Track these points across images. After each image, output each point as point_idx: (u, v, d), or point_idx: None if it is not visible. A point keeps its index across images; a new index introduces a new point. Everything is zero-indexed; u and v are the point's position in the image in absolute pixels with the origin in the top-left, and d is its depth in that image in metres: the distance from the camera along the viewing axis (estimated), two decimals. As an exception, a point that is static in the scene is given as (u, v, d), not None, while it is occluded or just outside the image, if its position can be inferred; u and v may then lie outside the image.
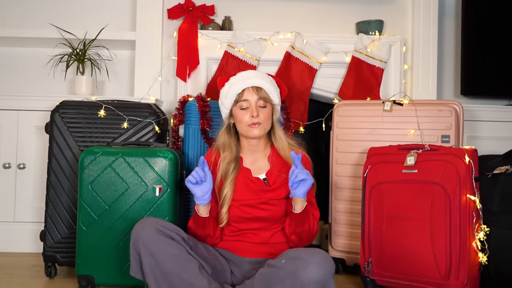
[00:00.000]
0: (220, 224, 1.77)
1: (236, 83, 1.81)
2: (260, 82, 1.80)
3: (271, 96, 1.82)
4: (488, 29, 2.80)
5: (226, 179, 1.79)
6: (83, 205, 1.91)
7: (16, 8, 2.90)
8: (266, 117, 1.80)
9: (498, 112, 2.66)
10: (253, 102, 1.78)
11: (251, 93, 1.79)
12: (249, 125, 1.78)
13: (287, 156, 1.80)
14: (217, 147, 1.87)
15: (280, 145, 1.83)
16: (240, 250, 1.78)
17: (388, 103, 2.22)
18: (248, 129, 1.79)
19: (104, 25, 2.77)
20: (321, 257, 1.46)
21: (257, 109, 1.78)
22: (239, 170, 1.82)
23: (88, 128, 2.20)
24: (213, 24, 2.75)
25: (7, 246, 2.55)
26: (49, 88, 2.89)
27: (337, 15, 2.87)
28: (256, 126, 1.77)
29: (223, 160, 1.82)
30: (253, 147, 1.85)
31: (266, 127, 1.81)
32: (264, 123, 1.79)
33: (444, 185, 1.76)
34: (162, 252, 1.57)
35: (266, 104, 1.80)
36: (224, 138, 1.86)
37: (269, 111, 1.81)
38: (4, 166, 2.56)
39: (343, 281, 2.13)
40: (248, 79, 1.81)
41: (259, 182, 1.81)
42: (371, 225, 1.91)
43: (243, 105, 1.79)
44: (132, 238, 1.60)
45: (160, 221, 1.64)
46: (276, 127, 1.86)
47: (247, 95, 1.79)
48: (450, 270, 1.73)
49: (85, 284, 1.90)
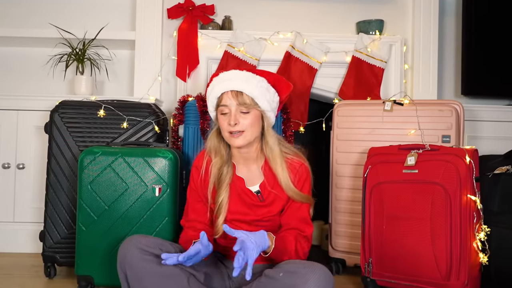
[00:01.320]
0: (216, 236, 1.67)
1: (217, 84, 1.66)
2: (241, 85, 1.62)
3: (257, 100, 1.63)
4: (489, 28, 2.80)
5: (221, 185, 1.68)
6: (82, 205, 1.90)
7: (15, 8, 2.90)
8: (250, 124, 1.62)
9: (498, 112, 2.66)
10: (233, 107, 1.62)
11: (230, 98, 1.62)
12: (230, 133, 1.63)
13: (276, 168, 1.67)
14: (208, 151, 1.75)
15: (271, 155, 1.68)
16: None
17: (389, 103, 2.22)
18: (228, 137, 1.65)
19: (104, 24, 2.77)
20: (320, 274, 1.42)
21: (237, 116, 1.62)
22: (232, 176, 1.70)
23: (88, 128, 2.20)
24: (213, 24, 2.75)
25: (7, 246, 2.55)
26: (48, 88, 2.89)
27: (337, 15, 2.87)
28: (237, 135, 1.62)
29: (214, 165, 1.71)
30: (243, 154, 1.71)
31: (250, 135, 1.64)
32: (247, 131, 1.62)
33: (444, 185, 1.75)
34: (146, 271, 1.53)
35: (249, 110, 1.62)
36: (213, 142, 1.73)
37: (253, 118, 1.63)
38: (3, 166, 2.56)
39: (343, 282, 2.13)
40: (228, 80, 1.64)
41: (253, 195, 1.70)
42: (372, 225, 1.91)
43: (223, 110, 1.64)
44: (118, 259, 1.57)
45: (144, 239, 1.58)
46: (268, 134, 1.68)
47: (226, 99, 1.63)
48: (451, 270, 1.73)
49: (84, 284, 1.90)
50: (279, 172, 1.67)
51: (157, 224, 1.89)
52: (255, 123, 1.65)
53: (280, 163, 1.68)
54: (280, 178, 1.67)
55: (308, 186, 1.73)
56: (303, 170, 1.70)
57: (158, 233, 1.87)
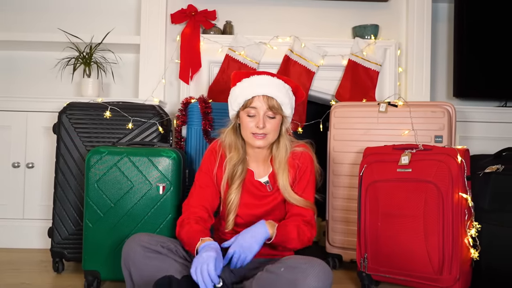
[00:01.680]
0: (226, 230, 1.70)
1: (248, 87, 1.66)
2: (274, 92, 1.64)
3: (283, 107, 1.67)
4: (480, 34, 2.80)
5: (233, 184, 1.70)
6: (89, 203, 1.91)
7: (25, 13, 2.90)
8: (273, 129, 1.66)
9: (489, 113, 2.66)
10: (262, 111, 1.64)
11: (261, 101, 1.64)
12: (253, 134, 1.66)
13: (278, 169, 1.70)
14: (224, 146, 1.75)
15: (278, 155, 1.71)
16: None
17: (383, 105, 2.22)
18: (251, 138, 1.67)
19: (110, 29, 2.77)
20: (320, 269, 1.43)
21: (265, 119, 1.64)
22: (245, 176, 1.72)
23: (94, 129, 2.20)
24: (214, 29, 2.76)
25: (16, 243, 2.55)
26: (56, 90, 2.89)
27: (334, 20, 2.87)
28: (261, 137, 1.65)
29: (229, 161, 1.72)
30: (256, 153, 1.74)
31: (271, 138, 1.68)
32: (270, 134, 1.66)
33: (437, 184, 1.76)
34: (148, 268, 1.53)
35: (275, 115, 1.66)
36: (231, 138, 1.74)
37: (277, 123, 1.67)
38: (13, 166, 2.56)
39: (340, 276, 2.13)
40: (261, 86, 1.65)
41: (261, 186, 1.74)
42: (367, 222, 1.91)
43: (250, 112, 1.65)
44: (122, 258, 1.57)
45: (146, 237, 1.58)
46: (282, 137, 1.72)
47: (257, 102, 1.64)
48: (443, 265, 1.73)
49: (91, 279, 1.90)
50: (279, 174, 1.70)
51: (161, 221, 1.89)
52: (277, 128, 1.69)
53: (284, 167, 1.71)
54: (279, 181, 1.71)
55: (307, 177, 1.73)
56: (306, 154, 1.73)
57: (161, 229, 1.87)
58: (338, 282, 2.04)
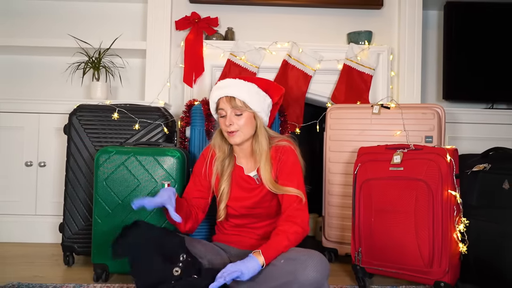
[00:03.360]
0: (219, 219, 1.77)
1: (215, 91, 1.75)
2: (234, 91, 1.70)
3: (249, 103, 1.70)
4: (468, 39, 2.80)
5: (223, 175, 1.76)
6: (98, 200, 1.90)
7: (37, 20, 2.91)
8: (244, 124, 1.71)
9: (477, 115, 2.66)
10: (228, 111, 1.71)
11: (225, 102, 1.71)
12: (227, 133, 1.72)
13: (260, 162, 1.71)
14: (213, 147, 1.83)
15: (258, 149, 1.73)
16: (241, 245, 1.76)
17: (377, 107, 2.21)
18: (227, 136, 1.74)
19: (118, 35, 2.77)
20: (318, 260, 1.44)
21: (231, 117, 1.70)
22: (233, 167, 1.78)
23: (103, 130, 2.20)
24: (216, 35, 2.75)
25: (29, 237, 2.55)
26: (67, 93, 2.89)
27: (330, 27, 2.87)
28: (233, 134, 1.71)
29: (217, 159, 1.80)
30: (242, 148, 1.79)
31: (246, 133, 1.72)
32: (241, 130, 1.71)
33: (427, 182, 1.75)
34: None
35: (242, 112, 1.70)
36: (217, 140, 1.81)
37: (246, 119, 1.71)
38: (26, 164, 2.56)
39: (335, 269, 2.12)
40: (223, 88, 1.72)
41: (250, 179, 1.77)
42: (361, 218, 1.91)
43: (221, 113, 1.73)
44: None
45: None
46: (259, 132, 1.74)
47: (222, 104, 1.72)
48: (433, 258, 1.73)
49: (100, 272, 1.90)
50: (261, 167, 1.72)
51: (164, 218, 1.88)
52: (248, 123, 1.72)
53: (265, 160, 1.72)
54: (261, 173, 1.72)
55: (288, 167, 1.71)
56: (287, 148, 1.73)
57: (166, 224, 1.87)
58: (334, 274, 2.03)
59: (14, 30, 2.89)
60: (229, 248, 1.77)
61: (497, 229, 1.75)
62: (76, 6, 2.92)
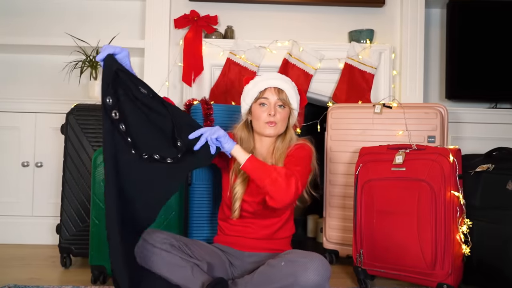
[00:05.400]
0: (233, 217, 1.72)
1: (261, 81, 1.77)
2: (283, 84, 1.76)
3: (291, 99, 1.77)
4: (471, 38, 2.80)
5: (240, 177, 1.73)
6: (95, 201, 1.90)
7: (33, 18, 2.90)
8: (282, 118, 1.75)
9: (480, 115, 2.66)
10: (273, 101, 1.74)
11: (272, 92, 1.74)
12: (266, 123, 1.73)
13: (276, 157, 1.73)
14: (239, 140, 1.80)
15: (281, 147, 1.75)
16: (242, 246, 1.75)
17: (378, 106, 2.21)
18: (264, 126, 1.74)
19: (116, 34, 2.77)
20: (319, 263, 1.44)
21: (275, 108, 1.73)
22: None
23: (101, 129, 2.19)
24: (216, 33, 2.75)
25: (26, 239, 2.55)
26: (64, 92, 2.88)
27: (331, 25, 2.86)
28: (272, 125, 1.73)
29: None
30: (263, 147, 1.80)
31: (280, 128, 1.76)
32: (279, 123, 1.74)
33: (430, 182, 1.75)
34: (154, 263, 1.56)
35: (285, 106, 1.75)
36: (244, 133, 1.81)
37: (286, 113, 1.76)
38: (23, 165, 2.56)
39: (336, 271, 2.13)
40: (272, 79, 1.77)
41: None
42: (363, 219, 1.91)
43: (263, 102, 1.74)
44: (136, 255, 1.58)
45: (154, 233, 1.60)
46: (289, 130, 1.80)
47: (268, 93, 1.74)
48: (436, 260, 1.73)
49: (97, 273, 1.90)
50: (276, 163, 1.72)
51: (164, 218, 1.89)
52: (285, 119, 1.77)
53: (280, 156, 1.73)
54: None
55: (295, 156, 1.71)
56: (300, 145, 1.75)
57: (166, 226, 1.87)
58: (335, 276, 2.04)
59: (10, 29, 2.89)
60: (229, 250, 1.77)
61: (501, 230, 1.75)
62: (73, 4, 2.91)
